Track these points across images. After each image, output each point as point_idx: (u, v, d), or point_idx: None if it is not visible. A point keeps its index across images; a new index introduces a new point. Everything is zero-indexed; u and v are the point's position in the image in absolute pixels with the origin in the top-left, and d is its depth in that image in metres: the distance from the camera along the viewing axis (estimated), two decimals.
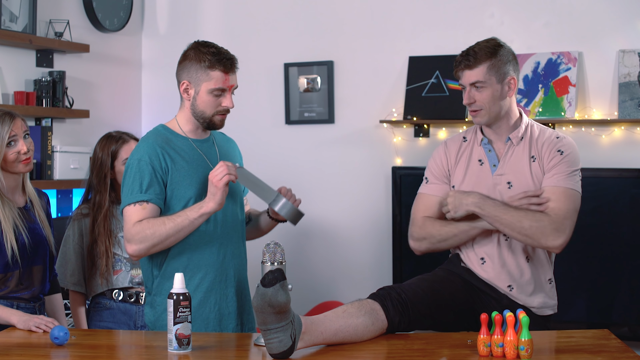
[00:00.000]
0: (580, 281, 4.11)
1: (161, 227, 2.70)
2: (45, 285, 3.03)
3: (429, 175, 2.97)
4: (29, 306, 2.95)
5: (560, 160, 2.79)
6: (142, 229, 2.70)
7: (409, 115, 4.49)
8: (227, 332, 2.83)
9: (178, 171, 2.78)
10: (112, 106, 4.81)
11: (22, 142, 2.93)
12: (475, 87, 2.80)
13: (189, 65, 2.80)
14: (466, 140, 2.95)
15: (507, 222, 2.71)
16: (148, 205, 2.73)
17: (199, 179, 2.81)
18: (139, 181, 2.74)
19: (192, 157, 2.83)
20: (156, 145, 2.78)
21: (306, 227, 4.73)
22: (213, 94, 2.79)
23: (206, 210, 2.70)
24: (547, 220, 2.70)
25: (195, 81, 2.79)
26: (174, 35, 4.99)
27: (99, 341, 2.66)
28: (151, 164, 2.74)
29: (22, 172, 2.97)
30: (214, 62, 2.77)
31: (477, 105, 2.82)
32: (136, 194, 2.73)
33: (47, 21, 4.31)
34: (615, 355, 2.31)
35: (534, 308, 2.82)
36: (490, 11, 4.45)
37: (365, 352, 2.40)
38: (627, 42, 4.21)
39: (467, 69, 2.80)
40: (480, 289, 2.83)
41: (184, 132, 2.86)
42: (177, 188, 2.78)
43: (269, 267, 2.39)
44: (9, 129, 2.90)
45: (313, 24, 4.75)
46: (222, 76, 2.79)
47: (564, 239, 2.71)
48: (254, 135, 4.82)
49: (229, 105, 2.82)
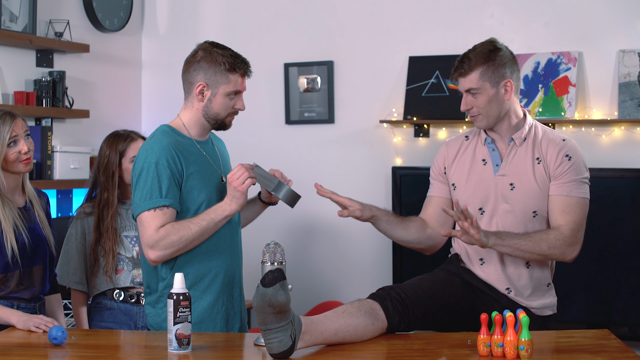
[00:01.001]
0: (581, 281, 4.11)
1: (187, 231, 2.68)
2: (45, 285, 3.03)
3: (430, 177, 3.04)
4: (29, 306, 2.95)
5: (569, 167, 2.78)
6: (167, 235, 2.67)
7: (409, 115, 4.49)
8: (233, 332, 2.84)
9: (192, 175, 2.77)
10: (112, 106, 4.81)
11: (23, 142, 2.93)
12: (471, 93, 2.82)
13: (206, 67, 2.77)
14: (468, 139, 2.96)
15: (526, 248, 2.72)
16: (168, 210, 2.70)
17: (209, 182, 2.81)
18: (157, 185, 2.69)
19: (200, 159, 2.82)
20: (171, 148, 2.74)
21: (306, 227, 4.73)
22: (229, 96, 2.79)
23: (230, 213, 2.72)
24: (563, 239, 2.73)
25: (214, 83, 2.77)
26: (174, 35, 4.99)
27: (99, 341, 2.66)
28: (169, 167, 2.71)
29: (23, 172, 2.96)
30: (233, 66, 2.77)
31: (475, 111, 2.83)
32: (156, 199, 2.68)
33: (47, 21, 4.31)
34: (615, 355, 2.31)
35: (533, 309, 2.82)
36: (490, 11, 4.45)
37: (365, 352, 2.40)
38: (627, 42, 4.21)
39: (460, 76, 2.83)
40: (480, 289, 2.83)
41: (189, 133, 2.84)
42: (191, 192, 2.77)
43: (269, 267, 2.39)
44: (10, 128, 2.89)
45: (313, 24, 4.75)
46: (240, 80, 2.81)
47: (579, 250, 2.78)
48: (254, 135, 4.82)
49: (242, 108, 2.85)
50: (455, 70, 2.84)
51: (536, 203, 2.80)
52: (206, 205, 2.77)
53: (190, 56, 2.84)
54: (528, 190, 2.80)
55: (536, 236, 2.73)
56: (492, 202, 2.83)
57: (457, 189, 2.90)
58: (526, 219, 2.80)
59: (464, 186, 2.89)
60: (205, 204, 2.77)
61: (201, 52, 2.80)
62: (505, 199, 2.82)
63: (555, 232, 2.74)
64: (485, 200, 2.84)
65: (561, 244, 2.72)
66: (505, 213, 2.82)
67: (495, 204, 2.83)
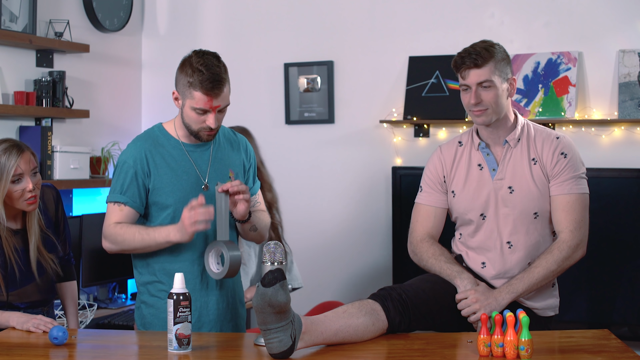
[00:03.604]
0: (581, 281, 4.11)
1: (131, 239, 2.74)
2: (49, 293, 2.98)
3: (423, 184, 2.95)
4: (35, 311, 2.91)
5: (566, 165, 2.78)
6: (116, 233, 2.76)
7: (409, 115, 4.49)
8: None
9: (160, 178, 2.77)
10: (112, 106, 4.81)
11: (28, 179, 2.80)
12: (483, 86, 2.75)
13: (180, 76, 2.73)
14: (462, 145, 2.92)
15: (542, 278, 2.73)
16: (125, 207, 2.77)
17: (182, 187, 2.78)
18: (120, 182, 2.78)
19: (179, 163, 2.80)
20: (142, 150, 2.79)
21: (306, 227, 4.73)
22: (196, 111, 2.71)
23: (173, 240, 2.70)
24: (566, 248, 2.74)
25: (182, 95, 2.74)
26: (174, 35, 4.99)
27: (99, 341, 2.66)
28: (134, 167, 2.77)
29: (26, 210, 2.85)
30: (196, 83, 2.67)
31: (484, 105, 2.76)
32: (116, 194, 2.79)
33: (47, 21, 4.31)
34: (615, 355, 2.31)
35: (536, 309, 2.82)
36: (490, 11, 4.45)
37: (365, 352, 2.40)
38: (627, 42, 4.21)
39: (475, 67, 2.73)
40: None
41: (178, 135, 2.83)
42: (158, 195, 2.78)
43: (269, 267, 2.39)
44: (15, 164, 2.77)
45: (313, 24, 4.75)
46: (204, 97, 2.68)
47: (585, 246, 2.79)
48: (254, 135, 4.82)
49: (212, 125, 2.71)
50: (465, 61, 2.74)
51: (536, 204, 2.79)
52: (172, 210, 2.77)
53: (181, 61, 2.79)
54: (527, 192, 2.79)
55: (542, 262, 2.74)
56: (493, 207, 2.82)
57: (457, 196, 2.88)
58: (527, 220, 2.79)
59: (463, 193, 2.87)
60: (172, 209, 2.77)
61: (184, 59, 2.75)
62: (505, 202, 2.81)
63: (557, 245, 2.74)
64: (485, 206, 2.83)
65: (566, 253, 2.74)
66: (506, 217, 2.80)
67: (495, 209, 2.82)
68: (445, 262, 2.80)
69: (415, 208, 2.96)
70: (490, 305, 2.68)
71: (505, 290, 2.72)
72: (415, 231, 2.92)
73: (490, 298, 2.70)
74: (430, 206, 2.92)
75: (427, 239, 2.88)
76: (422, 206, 2.94)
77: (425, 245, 2.87)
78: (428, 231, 2.91)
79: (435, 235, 2.92)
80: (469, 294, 2.70)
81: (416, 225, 2.93)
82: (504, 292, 2.72)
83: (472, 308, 2.69)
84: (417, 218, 2.94)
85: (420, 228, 2.92)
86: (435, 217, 2.91)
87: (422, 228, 2.91)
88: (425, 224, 2.91)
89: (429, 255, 2.84)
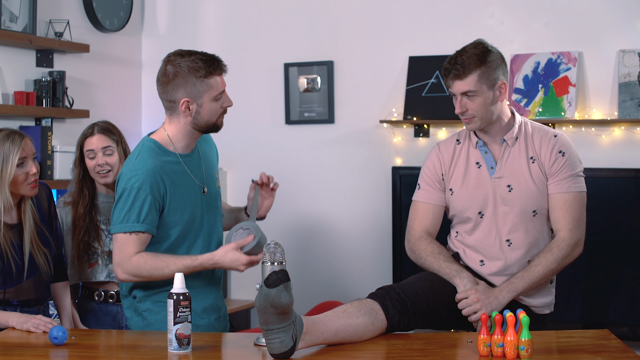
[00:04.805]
0: (580, 281, 4.11)
1: (159, 273, 2.69)
2: (44, 292, 2.99)
3: (421, 182, 2.96)
4: (32, 310, 2.93)
5: (564, 163, 2.78)
6: (140, 266, 2.68)
7: (409, 115, 4.49)
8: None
9: (173, 198, 2.74)
10: (112, 106, 4.81)
11: (31, 163, 2.86)
12: (467, 96, 2.77)
13: (182, 82, 2.69)
14: (460, 143, 2.92)
15: (542, 276, 2.75)
16: (144, 235, 2.70)
17: (190, 200, 2.78)
18: (137, 210, 2.67)
19: (182, 178, 2.78)
20: (156, 173, 2.70)
21: (306, 227, 4.73)
22: (215, 99, 2.74)
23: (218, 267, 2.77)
24: (565, 246, 2.75)
25: (196, 95, 2.71)
26: (174, 35, 4.99)
27: (99, 341, 2.66)
28: (152, 193, 2.68)
29: (28, 195, 2.89)
30: (210, 70, 2.70)
31: (470, 114, 2.78)
32: (133, 223, 2.67)
33: (47, 21, 4.31)
34: (615, 355, 2.31)
35: (534, 307, 2.82)
36: (490, 11, 4.45)
37: (365, 352, 2.40)
38: (627, 42, 4.21)
39: (457, 79, 2.76)
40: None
41: (175, 147, 2.78)
42: (172, 215, 2.75)
43: (269, 267, 2.39)
44: (20, 148, 2.83)
45: (313, 24, 4.75)
46: (220, 80, 2.75)
47: (582, 244, 2.80)
48: (254, 135, 4.83)
49: (230, 104, 2.80)
50: (449, 72, 2.78)
51: (535, 202, 2.80)
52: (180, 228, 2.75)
53: (160, 75, 2.74)
54: (526, 190, 2.80)
55: (542, 261, 2.75)
56: (491, 205, 2.83)
57: (455, 194, 2.89)
58: (526, 218, 2.80)
59: (461, 191, 2.87)
60: (180, 227, 2.75)
61: (170, 67, 2.71)
62: (504, 201, 2.81)
63: (556, 244, 2.75)
64: (484, 204, 2.84)
65: (566, 251, 2.75)
66: (505, 215, 2.81)
67: (494, 207, 2.82)
68: (444, 261, 2.80)
69: (413, 205, 2.96)
70: (491, 305, 2.68)
71: (506, 289, 2.72)
72: (413, 229, 2.92)
73: (491, 297, 2.70)
74: (429, 204, 2.92)
75: (425, 237, 2.88)
76: (420, 204, 2.94)
77: (424, 243, 2.87)
78: (426, 229, 2.91)
79: (433, 233, 2.92)
80: (469, 293, 2.70)
81: (414, 223, 2.93)
82: (504, 290, 2.72)
83: (473, 308, 2.69)
84: (415, 216, 2.94)
85: (418, 226, 2.92)
86: (433, 215, 2.92)
87: (420, 226, 2.92)
88: (423, 222, 2.92)
89: (427, 254, 2.84)
